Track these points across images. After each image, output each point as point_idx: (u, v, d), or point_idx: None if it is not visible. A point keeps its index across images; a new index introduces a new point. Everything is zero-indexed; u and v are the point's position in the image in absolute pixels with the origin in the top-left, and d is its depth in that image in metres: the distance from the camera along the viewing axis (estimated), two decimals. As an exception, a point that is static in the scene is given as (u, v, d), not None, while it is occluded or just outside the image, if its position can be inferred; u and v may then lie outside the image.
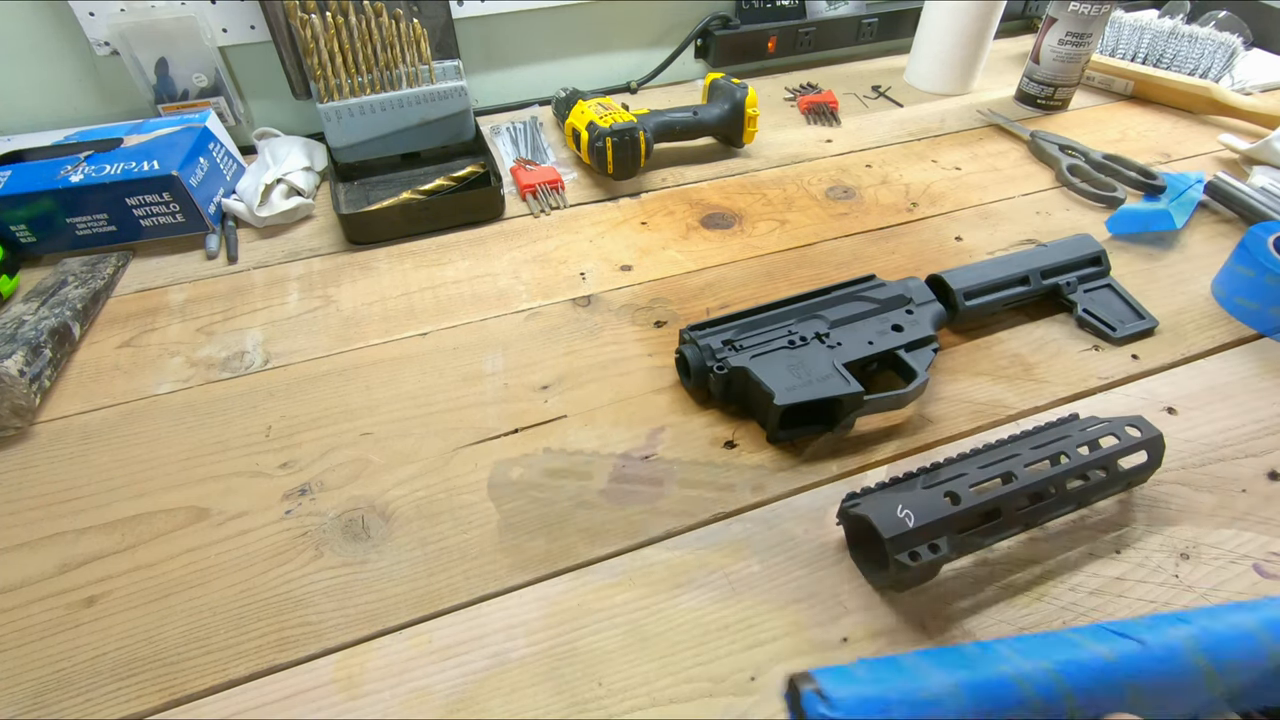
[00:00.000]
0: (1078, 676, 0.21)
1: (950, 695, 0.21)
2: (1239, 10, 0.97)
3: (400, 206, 0.67)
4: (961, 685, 0.21)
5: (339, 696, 0.36)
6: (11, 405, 0.48)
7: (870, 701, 0.21)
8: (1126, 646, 0.21)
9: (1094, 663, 0.21)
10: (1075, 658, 0.21)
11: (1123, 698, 0.20)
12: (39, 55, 0.72)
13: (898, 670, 0.22)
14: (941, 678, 0.21)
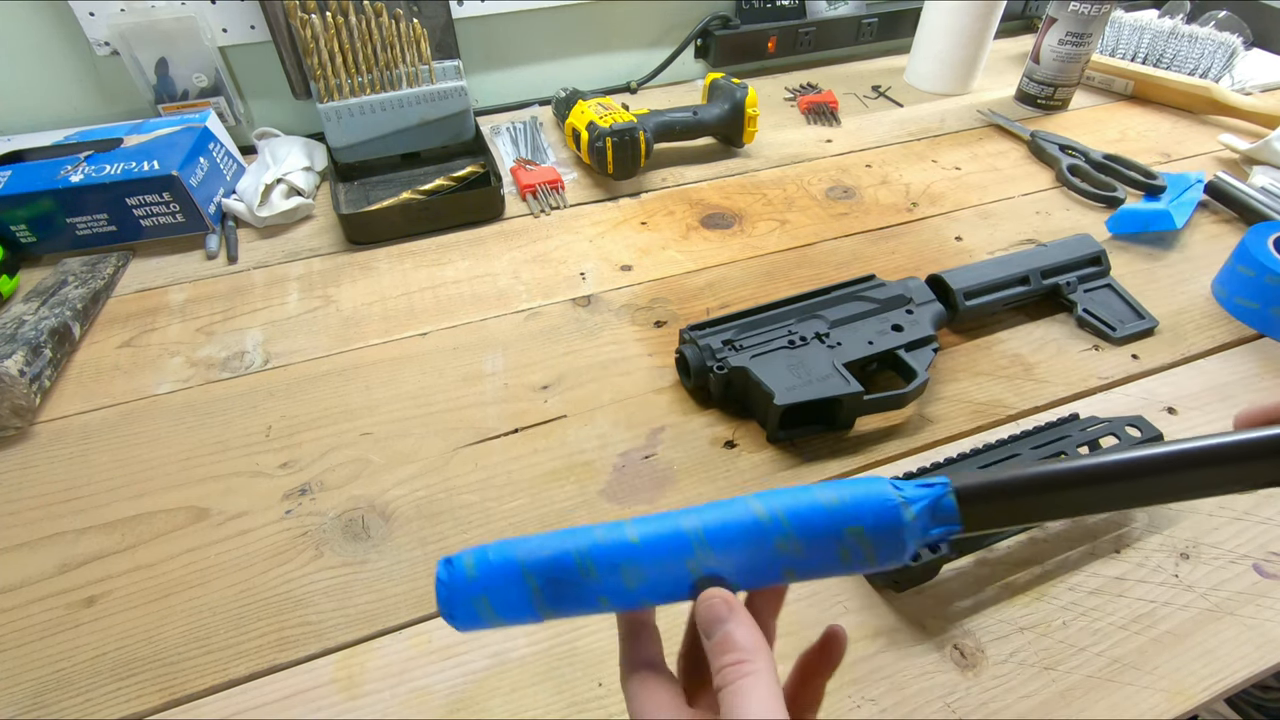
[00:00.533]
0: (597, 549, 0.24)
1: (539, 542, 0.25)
2: (1239, 10, 0.97)
3: (400, 206, 0.67)
4: (550, 538, 0.25)
5: (339, 696, 0.36)
6: (11, 405, 0.48)
7: (476, 553, 0.25)
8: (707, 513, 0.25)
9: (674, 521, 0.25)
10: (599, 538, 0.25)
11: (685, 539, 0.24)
12: (39, 55, 0.72)
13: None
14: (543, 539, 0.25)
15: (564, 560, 0.24)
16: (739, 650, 0.23)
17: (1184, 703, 0.35)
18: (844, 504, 0.24)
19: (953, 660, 0.37)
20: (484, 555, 0.25)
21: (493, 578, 0.25)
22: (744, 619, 0.23)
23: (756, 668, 0.22)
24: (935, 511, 0.24)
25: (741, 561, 0.24)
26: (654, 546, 0.24)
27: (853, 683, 0.36)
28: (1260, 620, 0.38)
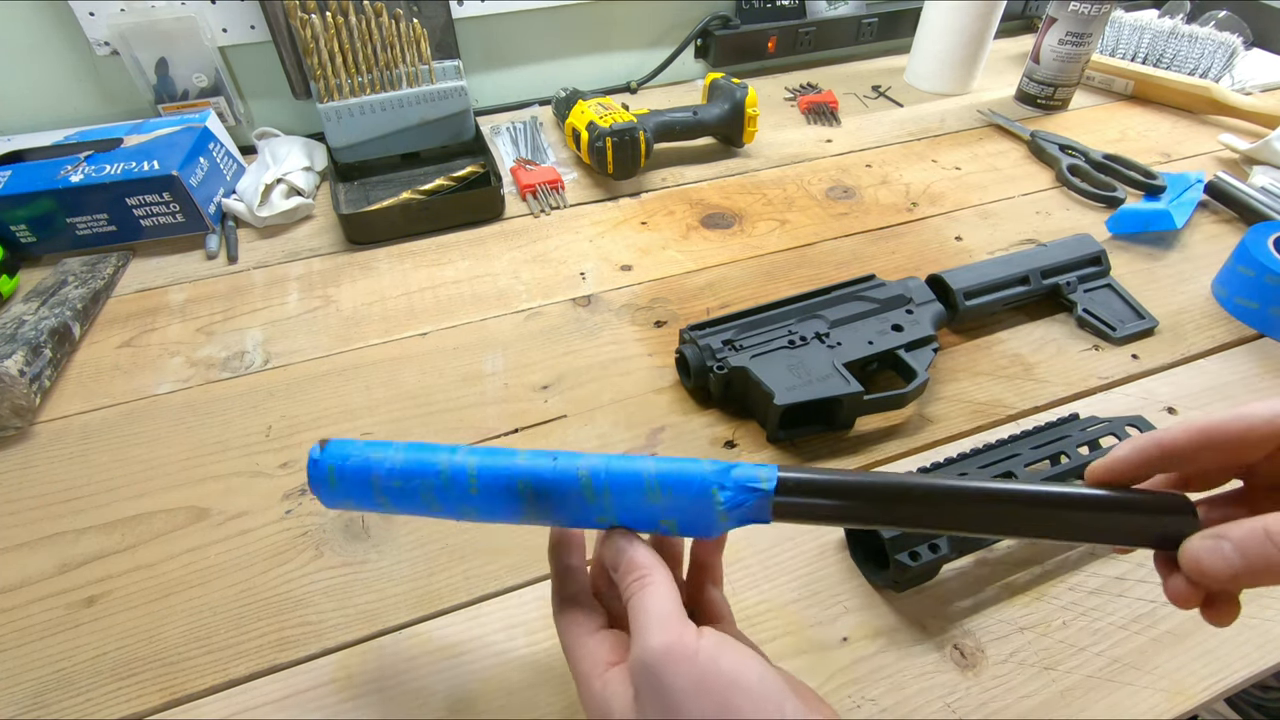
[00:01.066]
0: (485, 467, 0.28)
1: (400, 451, 0.28)
2: (1239, 10, 0.97)
3: (400, 206, 0.67)
4: (410, 448, 0.29)
5: (339, 696, 0.36)
6: (11, 405, 0.48)
7: (342, 454, 0.29)
8: (540, 460, 0.28)
9: (510, 463, 0.28)
10: (502, 462, 0.28)
11: (515, 488, 0.27)
12: (39, 55, 0.72)
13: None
14: (400, 453, 0.28)
15: (412, 497, 0.28)
16: (637, 567, 0.26)
17: (1184, 703, 0.35)
18: (662, 480, 0.27)
19: (953, 660, 0.37)
20: (343, 468, 0.28)
21: (349, 488, 0.29)
22: (640, 545, 0.27)
23: (654, 578, 0.26)
24: (745, 505, 0.27)
25: (564, 516, 0.28)
26: (488, 497, 0.28)
27: (853, 683, 0.36)
28: (1260, 620, 0.38)
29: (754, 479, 0.27)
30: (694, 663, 0.23)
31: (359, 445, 0.29)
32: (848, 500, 0.27)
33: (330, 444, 0.29)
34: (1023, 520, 0.26)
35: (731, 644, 0.24)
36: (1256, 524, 0.23)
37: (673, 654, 0.23)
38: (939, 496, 0.26)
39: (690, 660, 0.23)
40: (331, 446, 0.29)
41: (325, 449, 0.29)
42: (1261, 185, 0.69)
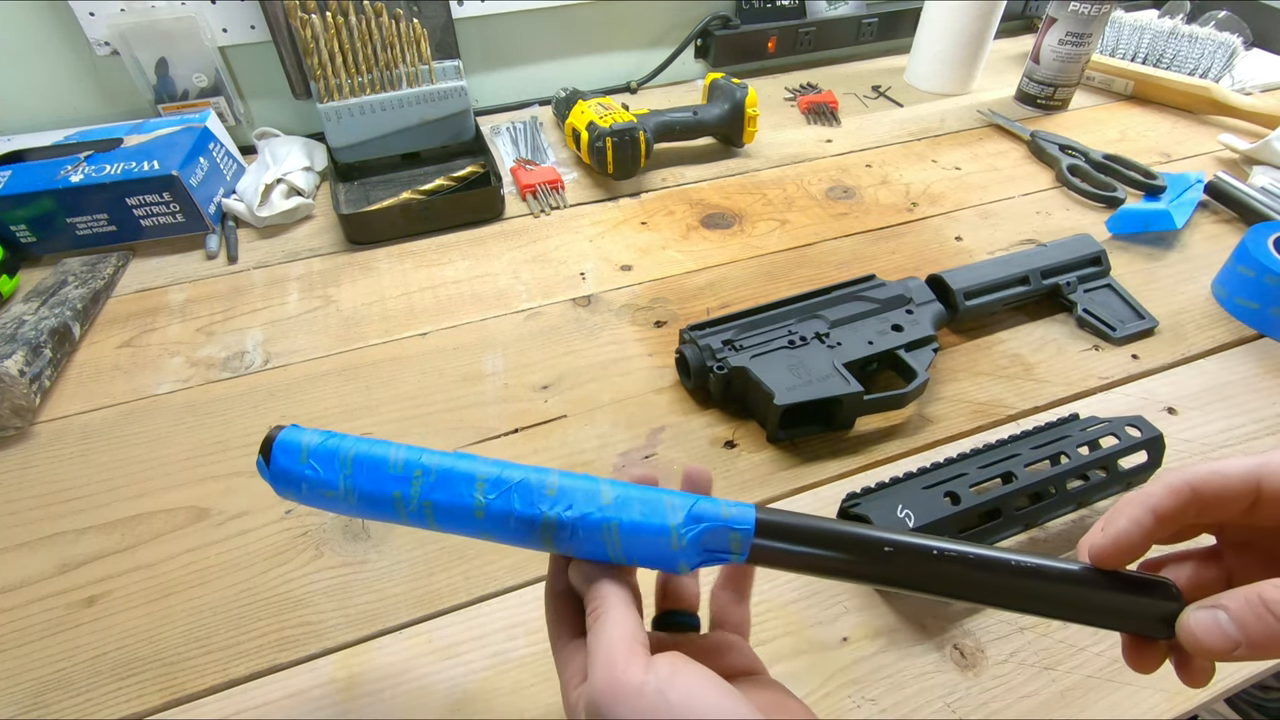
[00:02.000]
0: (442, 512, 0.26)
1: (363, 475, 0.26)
2: (1239, 10, 0.97)
3: (400, 206, 0.67)
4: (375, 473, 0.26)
5: (339, 696, 0.36)
6: (11, 405, 0.48)
7: (299, 478, 0.26)
8: (499, 505, 0.26)
9: (465, 507, 0.26)
10: (458, 503, 0.26)
11: (470, 528, 0.26)
12: (39, 55, 0.72)
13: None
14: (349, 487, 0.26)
15: (383, 505, 0.26)
16: (595, 599, 0.26)
17: (1184, 703, 0.35)
18: (623, 526, 0.26)
19: (953, 660, 0.37)
20: (307, 470, 0.26)
21: (313, 488, 0.26)
22: (600, 573, 0.26)
23: (607, 609, 0.25)
24: (707, 545, 0.26)
25: (518, 535, 0.26)
26: (446, 512, 0.26)
27: (853, 683, 0.36)
28: (1260, 620, 0.38)
29: (725, 548, 0.25)
30: (640, 697, 0.22)
31: (308, 465, 0.26)
32: (825, 552, 0.25)
33: (275, 454, 0.26)
34: (1014, 593, 0.25)
35: (687, 674, 0.23)
36: (1251, 593, 0.22)
37: (616, 690, 0.22)
38: (921, 558, 0.25)
39: (636, 695, 0.22)
40: (278, 462, 0.26)
41: (271, 466, 0.26)
42: (1261, 185, 0.69)
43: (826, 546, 0.26)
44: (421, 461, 0.27)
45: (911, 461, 0.47)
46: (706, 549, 0.25)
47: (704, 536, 0.25)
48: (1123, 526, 0.24)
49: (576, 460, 0.47)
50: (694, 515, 0.26)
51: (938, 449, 0.48)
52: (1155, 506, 0.24)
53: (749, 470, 0.46)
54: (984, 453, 0.43)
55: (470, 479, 0.26)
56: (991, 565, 0.25)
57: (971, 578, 0.25)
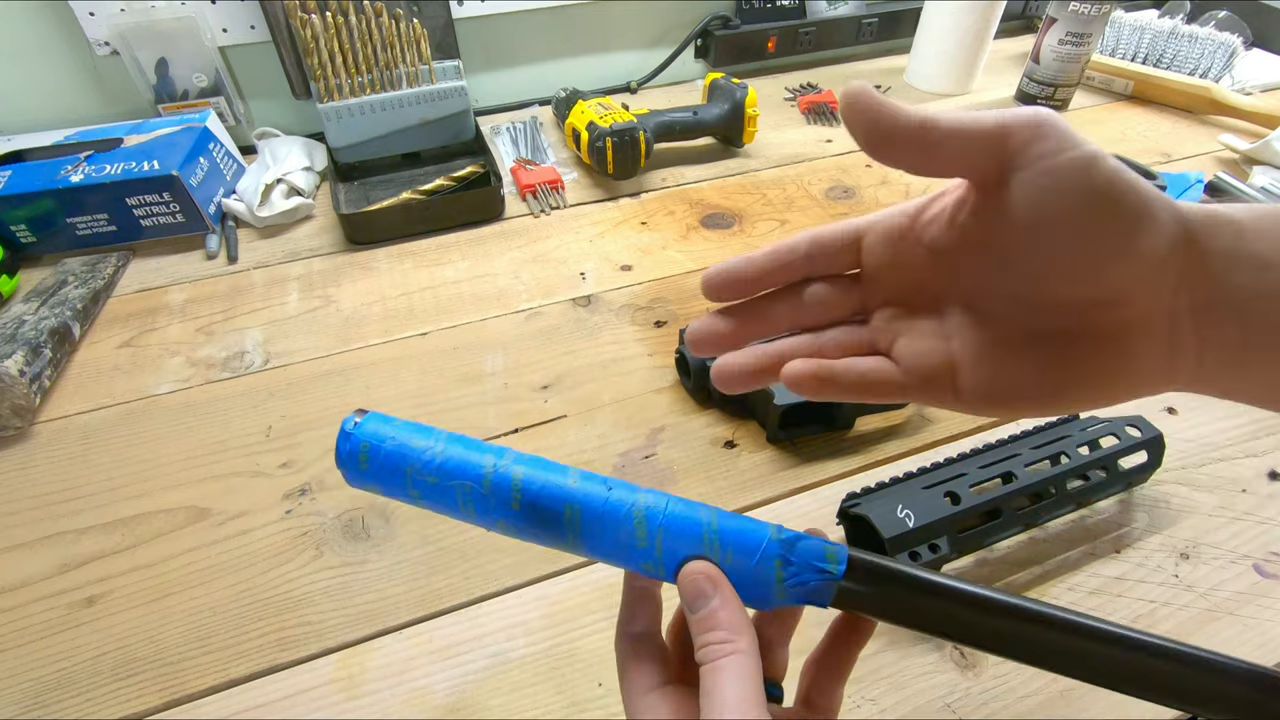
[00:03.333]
0: (533, 481, 0.25)
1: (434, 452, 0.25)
2: (1239, 10, 0.97)
3: (400, 206, 0.67)
4: (450, 448, 0.26)
5: (339, 696, 0.36)
6: (11, 405, 0.48)
7: (380, 435, 0.25)
8: (593, 486, 0.25)
9: (561, 483, 0.25)
10: (553, 480, 0.25)
11: (560, 511, 0.25)
12: (39, 55, 0.72)
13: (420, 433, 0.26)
14: (443, 445, 0.26)
15: (447, 496, 0.25)
16: (722, 628, 0.22)
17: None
18: (723, 536, 0.24)
19: (953, 660, 0.37)
20: (377, 449, 0.25)
21: (380, 473, 0.26)
22: (729, 597, 0.23)
23: (739, 647, 0.22)
24: (806, 585, 0.24)
25: (607, 551, 0.25)
26: (530, 515, 0.25)
27: (853, 683, 0.36)
28: (1260, 620, 0.38)
29: (820, 556, 0.23)
30: None
31: (399, 426, 0.26)
32: (930, 599, 0.23)
33: (368, 418, 0.26)
34: (1139, 675, 0.22)
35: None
36: None
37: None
38: (1048, 625, 0.22)
39: None
40: (369, 421, 0.25)
41: (361, 423, 0.25)
42: (1261, 185, 0.69)
43: (930, 594, 0.23)
44: (504, 450, 0.27)
45: (911, 461, 0.47)
46: (803, 556, 0.23)
47: (799, 540, 0.24)
48: (732, 260, 0.25)
49: (577, 460, 0.47)
50: (793, 539, 0.24)
51: (938, 449, 0.48)
52: (769, 248, 0.25)
53: (749, 470, 0.46)
54: (984, 453, 0.43)
55: (563, 469, 0.26)
56: (1125, 641, 0.22)
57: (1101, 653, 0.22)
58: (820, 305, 0.26)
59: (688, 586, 0.23)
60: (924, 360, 0.24)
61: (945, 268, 0.24)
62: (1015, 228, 0.21)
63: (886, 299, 0.25)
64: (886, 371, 0.24)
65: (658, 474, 0.46)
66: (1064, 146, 0.20)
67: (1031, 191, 0.20)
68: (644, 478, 0.46)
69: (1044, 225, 0.20)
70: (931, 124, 0.21)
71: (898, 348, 0.24)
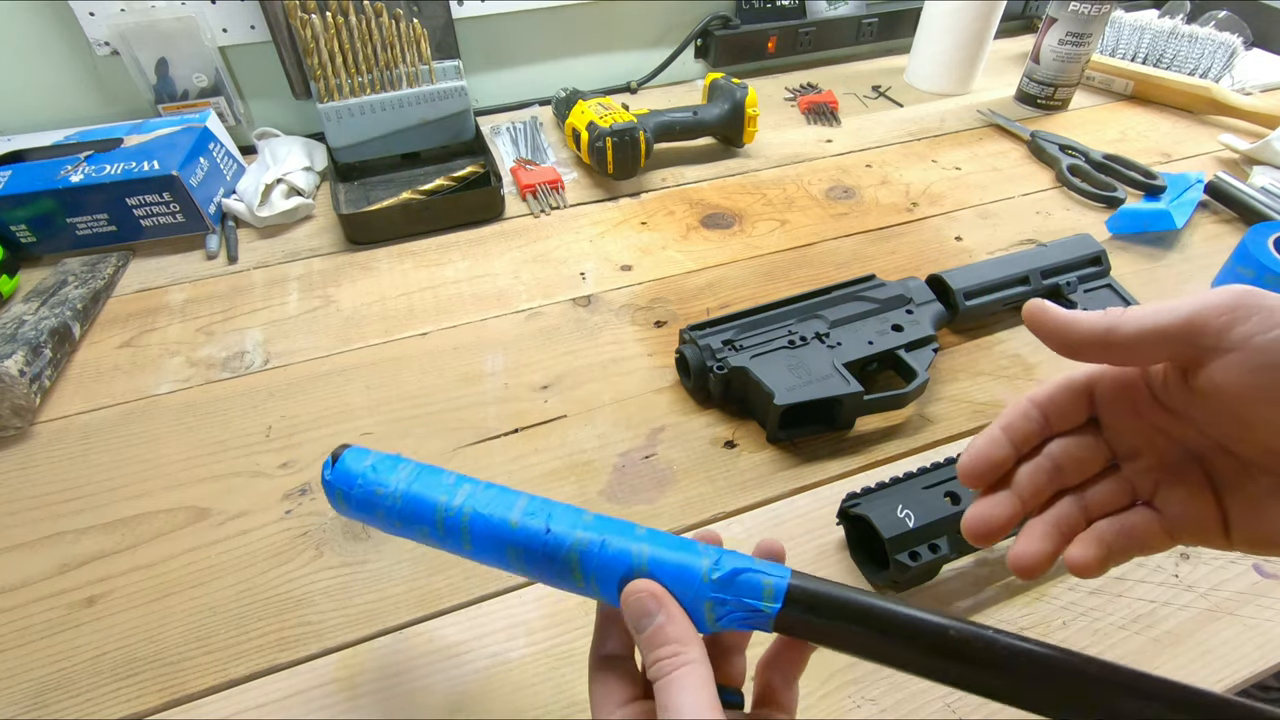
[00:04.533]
0: (477, 523, 0.27)
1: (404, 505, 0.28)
2: (1239, 10, 0.97)
3: (400, 206, 0.67)
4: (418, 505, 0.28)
5: (339, 696, 0.36)
6: (11, 405, 0.48)
7: (350, 477, 0.29)
8: (535, 523, 0.26)
9: (504, 526, 0.27)
10: (496, 519, 0.27)
11: (504, 553, 0.27)
12: (39, 55, 0.72)
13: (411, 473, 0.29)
14: (403, 487, 0.28)
15: (413, 533, 0.28)
16: (671, 642, 0.23)
17: (1184, 703, 0.35)
18: (654, 571, 0.25)
19: (953, 660, 0.37)
20: (349, 495, 0.29)
21: (357, 511, 0.29)
22: (674, 612, 0.24)
23: (690, 658, 0.22)
24: (739, 589, 0.24)
25: (555, 584, 0.27)
26: (482, 552, 0.27)
27: (853, 683, 0.36)
28: (1260, 620, 0.38)
29: (756, 594, 0.24)
30: None
31: (368, 467, 0.29)
32: (872, 635, 0.23)
33: (343, 459, 0.29)
34: (1090, 703, 0.21)
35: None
36: None
37: None
38: (990, 653, 0.22)
39: None
40: (343, 463, 0.29)
41: (336, 467, 0.29)
42: (1261, 185, 0.69)
43: (868, 624, 0.23)
44: (467, 479, 0.28)
45: (911, 461, 0.47)
46: (740, 595, 0.24)
47: (735, 578, 0.24)
48: (976, 443, 0.26)
49: (576, 460, 0.47)
50: (725, 559, 0.24)
51: (938, 449, 0.48)
52: (999, 422, 0.26)
53: (749, 470, 0.46)
54: (984, 453, 0.43)
55: (511, 499, 0.27)
56: (1068, 668, 0.21)
57: (1047, 684, 0.21)
58: (1074, 463, 0.26)
59: (632, 606, 0.24)
60: (1193, 510, 0.24)
61: (1186, 420, 0.24)
62: (1245, 398, 0.21)
63: (1134, 447, 0.26)
64: (1152, 526, 0.24)
65: (658, 474, 0.46)
66: (1270, 325, 0.21)
67: (1253, 369, 0.21)
68: (644, 478, 0.46)
69: (1270, 395, 0.21)
70: (1115, 331, 0.22)
71: (1160, 496, 0.24)
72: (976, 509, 0.26)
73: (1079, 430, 0.26)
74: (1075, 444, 0.26)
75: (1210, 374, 0.22)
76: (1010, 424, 0.26)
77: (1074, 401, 0.26)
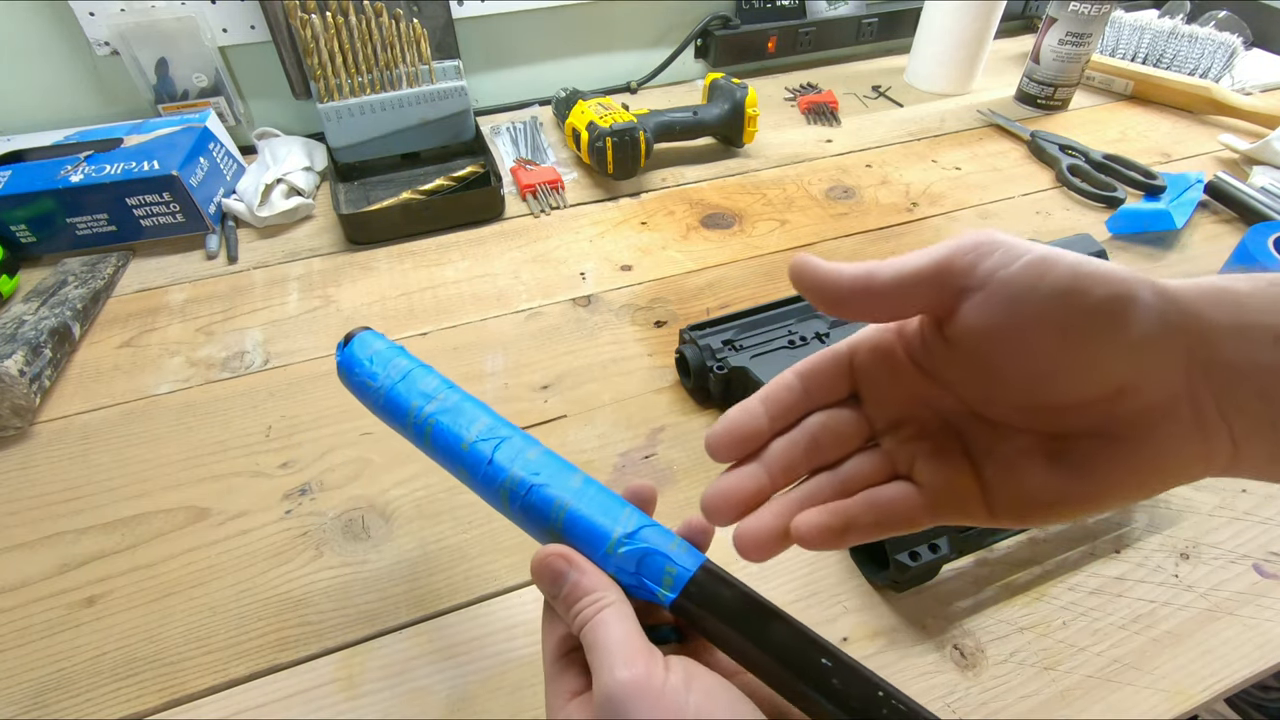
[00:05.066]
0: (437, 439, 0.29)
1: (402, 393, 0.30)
2: (1239, 10, 0.97)
3: (400, 206, 0.67)
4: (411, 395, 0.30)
5: (339, 696, 0.36)
6: (11, 405, 0.48)
7: (351, 362, 0.31)
8: (484, 448, 0.28)
9: (456, 443, 0.28)
10: (453, 434, 0.28)
11: (456, 469, 0.28)
12: (39, 55, 0.72)
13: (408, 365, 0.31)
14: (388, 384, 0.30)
15: (400, 410, 0.30)
16: (589, 593, 0.23)
17: (1184, 703, 0.35)
18: (568, 527, 0.25)
19: (953, 660, 0.37)
20: (349, 376, 0.32)
21: (357, 393, 0.32)
22: (586, 566, 0.24)
23: (609, 600, 0.23)
24: (643, 569, 0.24)
25: (486, 482, 0.28)
26: (442, 435, 0.29)
27: (853, 683, 0.36)
28: (1260, 620, 0.38)
29: (658, 578, 0.24)
30: (661, 697, 0.21)
31: (369, 357, 0.31)
32: (751, 644, 0.23)
33: (353, 343, 0.32)
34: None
35: (703, 677, 0.22)
36: None
37: (639, 690, 0.21)
38: (858, 688, 0.21)
39: (658, 695, 0.21)
40: (352, 348, 0.31)
41: (346, 349, 0.32)
42: (1261, 185, 0.69)
43: (760, 638, 0.23)
44: (450, 388, 0.30)
45: (911, 461, 0.47)
46: (640, 573, 0.24)
47: (642, 557, 0.24)
48: (733, 415, 0.24)
49: (577, 460, 0.46)
50: (642, 535, 0.25)
51: (938, 449, 0.48)
52: (758, 394, 0.25)
53: (749, 470, 0.46)
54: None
55: (475, 419, 0.28)
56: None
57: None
58: (832, 437, 0.24)
59: (543, 574, 0.24)
60: (949, 482, 0.22)
61: (942, 383, 0.23)
62: (994, 341, 0.21)
63: (894, 419, 0.24)
64: (910, 500, 0.23)
65: (658, 474, 0.46)
66: (1012, 257, 0.20)
67: (997, 306, 0.20)
68: (644, 478, 0.46)
69: (1020, 334, 0.20)
70: (874, 278, 0.21)
71: (918, 470, 0.23)
72: (718, 483, 0.24)
73: (840, 404, 0.25)
74: (833, 417, 0.24)
75: (961, 319, 0.21)
76: (769, 395, 0.24)
77: (835, 372, 0.25)
